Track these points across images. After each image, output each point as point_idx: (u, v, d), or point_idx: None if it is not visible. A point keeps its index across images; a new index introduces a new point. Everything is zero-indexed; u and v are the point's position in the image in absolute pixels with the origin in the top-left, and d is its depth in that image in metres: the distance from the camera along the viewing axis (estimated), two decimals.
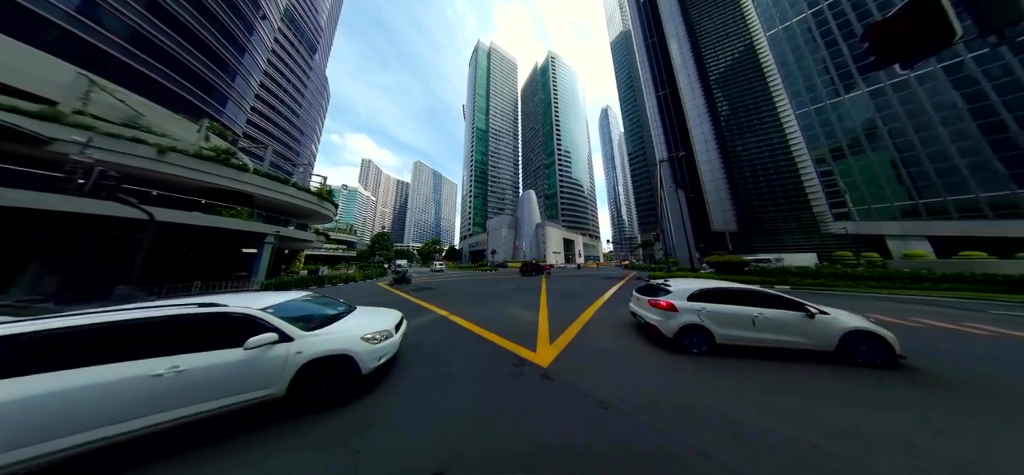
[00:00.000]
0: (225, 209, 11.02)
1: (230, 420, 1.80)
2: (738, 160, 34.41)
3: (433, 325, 4.59)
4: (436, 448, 1.60)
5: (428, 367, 2.83)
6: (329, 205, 17.21)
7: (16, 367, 1.40)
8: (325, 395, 2.00)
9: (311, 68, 44.50)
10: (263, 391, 1.83)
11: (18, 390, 1.36)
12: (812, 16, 23.39)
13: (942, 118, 16.57)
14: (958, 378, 2.48)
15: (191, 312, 1.81)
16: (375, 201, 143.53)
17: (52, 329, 1.53)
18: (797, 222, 28.89)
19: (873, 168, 19.38)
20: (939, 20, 1.47)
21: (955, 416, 1.87)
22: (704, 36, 39.66)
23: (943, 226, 16.28)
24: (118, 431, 1.48)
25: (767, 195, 32.07)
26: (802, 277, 10.16)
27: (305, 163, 41.06)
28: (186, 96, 19.98)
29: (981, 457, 1.49)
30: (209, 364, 1.69)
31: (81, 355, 1.51)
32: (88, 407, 1.43)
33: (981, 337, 3.60)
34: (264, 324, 1.91)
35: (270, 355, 1.85)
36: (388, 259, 45.99)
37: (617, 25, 74.09)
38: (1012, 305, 5.53)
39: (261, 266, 12.30)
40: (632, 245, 77.98)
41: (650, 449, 1.55)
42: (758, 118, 33.93)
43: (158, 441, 1.62)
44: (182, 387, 1.61)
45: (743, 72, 35.87)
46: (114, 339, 1.60)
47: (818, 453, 1.50)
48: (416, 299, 7.82)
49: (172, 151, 9.38)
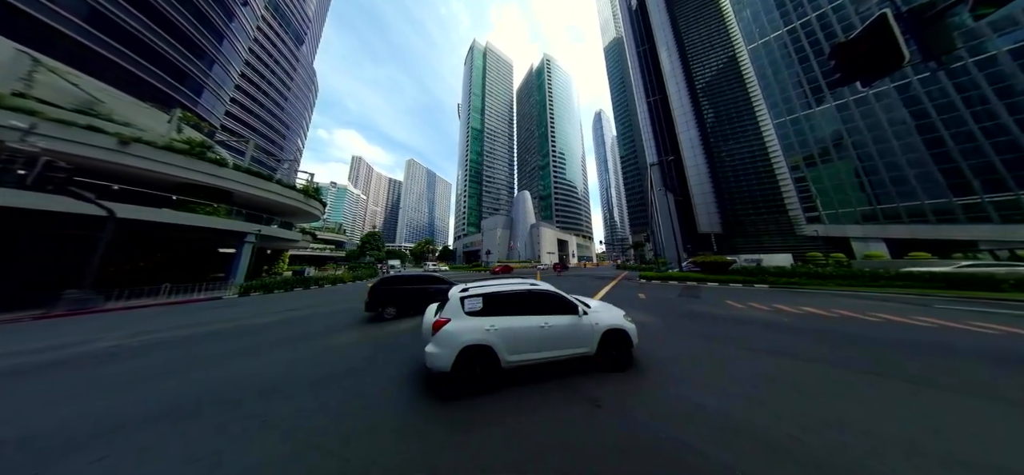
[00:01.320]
0: (200, 206, 10.30)
1: (569, 365, 2.68)
2: (722, 165, 36.27)
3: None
4: None
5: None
6: (316, 203, 16.47)
7: (491, 310, 2.47)
8: (614, 360, 2.68)
9: (298, 60, 42.47)
10: (583, 348, 2.61)
11: (503, 323, 2.41)
12: (787, 33, 25.21)
13: (895, 132, 18.53)
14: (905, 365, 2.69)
15: (543, 290, 2.71)
16: (366, 200, 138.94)
17: (494, 291, 2.58)
18: (775, 225, 30.81)
19: (839, 176, 21.14)
20: (891, 45, 1.72)
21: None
22: (692, 46, 41.54)
23: (896, 229, 18.12)
24: (535, 358, 2.47)
25: (748, 199, 33.98)
26: (779, 276, 10.79)
27: (291, 159, 39.05)
28: (155, 83, 18.46)
29: None
30: (560, 323, 2.56)
31: (510, 309, 2.51)
32: (524, 340, 2.44)
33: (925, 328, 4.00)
34: (575, 303, 2.71)
35: (585, 322, 2.64)
36: (379, 259, 44.60)
37: (611, 32, 76.07)
38: (952, 300, 6.24)
39: (240, 267, 11.57)
40: (624, 246, 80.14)
41: (640, 444, 1.62)
42: (740, 126, 35.92)
43: (545, 370, 2.58)
44: (551, 337, 2.51)
45: (727, 82, 37.87)
46: (517, 301, 2.56)
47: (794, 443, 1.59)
48: None
49: (136, 142, 8.63)
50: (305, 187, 16.27)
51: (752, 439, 1.63)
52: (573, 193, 74.21)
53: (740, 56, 34.78)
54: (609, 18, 76.86)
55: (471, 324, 2.34)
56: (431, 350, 2.28)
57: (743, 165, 34.99)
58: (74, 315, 6.58)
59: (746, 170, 34.71)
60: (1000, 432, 1.70)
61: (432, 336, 2.32)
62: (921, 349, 3.19)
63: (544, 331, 2.47)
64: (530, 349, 2.43)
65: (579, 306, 2.67)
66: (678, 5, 43.43)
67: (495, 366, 2.32)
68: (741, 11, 29.58)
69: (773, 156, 29.94)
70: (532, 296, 2.60)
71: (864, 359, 2.90)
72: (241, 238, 11.92)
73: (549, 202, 68.48)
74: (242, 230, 11.75)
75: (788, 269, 11.89)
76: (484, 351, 2.28)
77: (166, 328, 5.20)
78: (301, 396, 2.40)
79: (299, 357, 3.43)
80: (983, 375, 2.52)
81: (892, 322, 4.35)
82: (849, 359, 2.91)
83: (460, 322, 2.35)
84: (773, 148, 28.25)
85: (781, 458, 1.46)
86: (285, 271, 19.78)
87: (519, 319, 2.46)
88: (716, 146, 36.96)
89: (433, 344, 2.29)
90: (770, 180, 31.82)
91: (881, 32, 1.75)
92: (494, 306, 2.47)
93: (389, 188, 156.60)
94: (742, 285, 10.12)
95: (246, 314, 6.35)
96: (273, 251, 19.42)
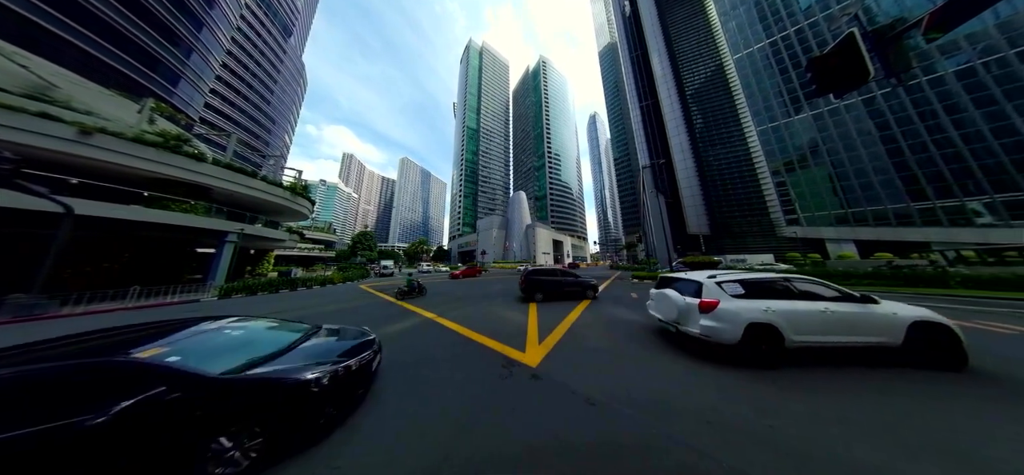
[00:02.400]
0: (176, 203, 9.62)
1: (858, 352, 2.73)
2: (710, 169, 37.78)
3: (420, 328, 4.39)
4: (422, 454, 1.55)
5: (414, 371, 2.70)
6: (304, 201, 15.80)
7: (754, 295, 2.68)
8: (934, 359, 2.49)
9: (285, 52, 40.71)
10: (878, 337, 2.55)
11: (780, 306, 2.56)
12: (769, 45, 26.59)
13: (862, 141, 20.07)
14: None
15: (801, 278, 2.91)
16: (357, 198, 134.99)
17: (753, 279, 2.79)
18: (758, 226, 32.39)
19: (815, 181, 22.52)
20: (859, 61, 1.88)
21: None
22: (682, 54, 43.08)
23: (863, 231, 19.61)
24: (823, 341, 2.54)
25: (734, 201, 35.57)
26: None
27: (277, 155, 37.28)
28: (123, 70, 17.16)
29: None
30: (841, 310, 2.57)
31: (781, 294, 2.68)
32: (806, 323, 2.53)
33: None
34: (851, 292, 2.72)
35: (877, 311, 2.59)
36: (371, 259, 43.35)
37: (605, 36, 77.70)
38: (911, 296, 6.84)
39: (220, 267, 10.90)
40: (617, 246, 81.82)
41: (634, 442, 1.62)
42: (727, 132, 37.56)
43: (837, 355, 2.68)
44: (836, 322, 2.55)
45: (715, 89, 39.52)
46: (775, 288, 2.73)
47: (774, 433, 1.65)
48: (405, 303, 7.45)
49: (100, 132, 7.95)
50: (292, 184, 15.57)
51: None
52: (568, 194, 75.13)
53: (727, 65, 36.40)
54: (603, 23, 78.55)
55: (748, 305, 2.59)
56: (711, 324, 2.62)
57: (729, 169, 36.60)
58: (19, 322, 5.96)
59: (732, 174, 36.32)
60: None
61: (702, 314, 2.67)
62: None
63: (826, 315, 2.56)
64: (814, 332, 2.54)
65: (862, 295, 2.69)
66: (669, 13, 44.95)
67: (780, 344, 2.52)
68: (727, 22, 30.95)
69: (756, 161, 31.50)
70: (788, 283, 2.76)
71: None
72: (222, 237, 11.24)
73: (544, 203, 68.99)
74: (223, 229, 11.08)
75: (769, 268, 12.84)
76: (769, 329, 2.51)
77: None
78: None
79: None
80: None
81: None
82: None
83: (733, 303, 2.62)
84: (756, 153, 29.74)
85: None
86: (270, 272, 18.84)
87: (796, 303, 2.61)
88: (705, 150, 38.48)
89: (711, 319, 2.62)
90: (754, 184, 33.45)
91: (850, 49, 1.90)
92: (755, 291, 2.71)
93: (382, 187, 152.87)
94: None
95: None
96: (257, 251, 18.46)
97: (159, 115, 11.92)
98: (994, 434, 1.65)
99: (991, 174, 15.21)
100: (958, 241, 15.05)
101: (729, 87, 37.12)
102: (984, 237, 14.80)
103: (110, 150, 8.15)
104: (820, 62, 2.09)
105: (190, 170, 9.87)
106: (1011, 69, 14.84)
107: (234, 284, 10.39)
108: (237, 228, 11.49)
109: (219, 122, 30.11)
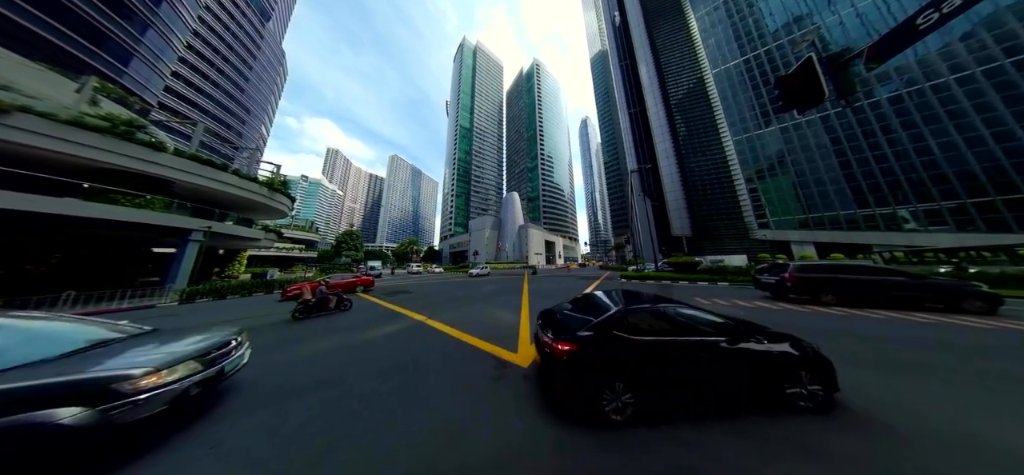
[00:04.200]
0: (128, 197, 8.49)
1: None
2: (692, 174, 40.15)
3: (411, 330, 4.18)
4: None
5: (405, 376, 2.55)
6: (282, 198, 14.65)
7: None
8: None
9: (263, 37, 37.81)
10: None
11: None
12: (743, 63, 28.93)
13: (819, 153, 22.64)
14: None
15: None
16: (342, 196, 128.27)
17: None
18: (734, 229, 34.84)
19: (782, 188, 24.85)
20: (816, 83, 2.11)
21: None
22: (667, 66, 45.55)
23: (821, 234, 22.04)
24: None
25: (713, 205, 38.01)
26: (738, 275, 12.30)
27: (252, 147, 34.35)
28: (57, 42, 14.99)
29: None
30: None
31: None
32: None
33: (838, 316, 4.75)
34: None
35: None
36: (357, 260, 41.26)
37: (597, 45, 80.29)
38: None
39: (182, 269, 9.80)
40: (607, 247, 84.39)
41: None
42: (707, 141, 40.14)
43: None
44: None
45: (696, 100, 42.13)
46: None
47: None
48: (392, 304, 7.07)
49: (21, 112, 6.85)
50: (269, 179, 14.37)
51: None
52: (560, 196, 76.42)
53: (707, 78, 38.93)
54: (596, 33, 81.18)
55: None
56: None
57: (709, 175, 39.12)
58: None
59: (711, 180, 38.85)
60: None
61: None
62: (833, 332, 3.76)
63: None
64: None
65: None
66: (656, 27, 47.39)
67: None
68: (707, 39, 33.29)
69: (733, 168, 33.88)
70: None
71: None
72: (184, 236, 10.10)
73: (537, 204, 69.63)
74: (186, 227, 9.96)
75: (743, 268, 13.99)
76: None
77: None
78: None
79: None
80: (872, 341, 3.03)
81: (818, 312, 5.20)
82: None
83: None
84: (733, 161, 32.02)
85: None
86: (242, 274, 17.26)
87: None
88: (687, 157, 40.85)
89: None
90: (730, 189, 35.95)
91: (809, 71, 2.13)
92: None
93: (370, 184, 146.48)
94: (708, 283, 11.35)
95: (182, 323, 5.22)
96: (228, 251, 16.85)
97: (105, 96, 10.52)
98: None
99: (914, 186, 18.10)
100: (892, 244, 17.64)
101: (709, 99, 39.74)
102: (910, 241, 17.48)
103: (35, 133, 7.00)
104: (785, 81, 2.29)
105: (145, 160, 8.73)
106: (926, 99, 17.93)
107: (199, 287, 9.42)
108: (203, 226, 10.41)
109: (184, 109, 27.24)
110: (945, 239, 16.46)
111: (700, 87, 41.79)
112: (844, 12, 22.11)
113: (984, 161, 16.00)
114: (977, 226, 16.10)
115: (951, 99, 17.23)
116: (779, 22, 26.76)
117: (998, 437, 1.62)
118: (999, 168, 15.53)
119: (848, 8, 21.89)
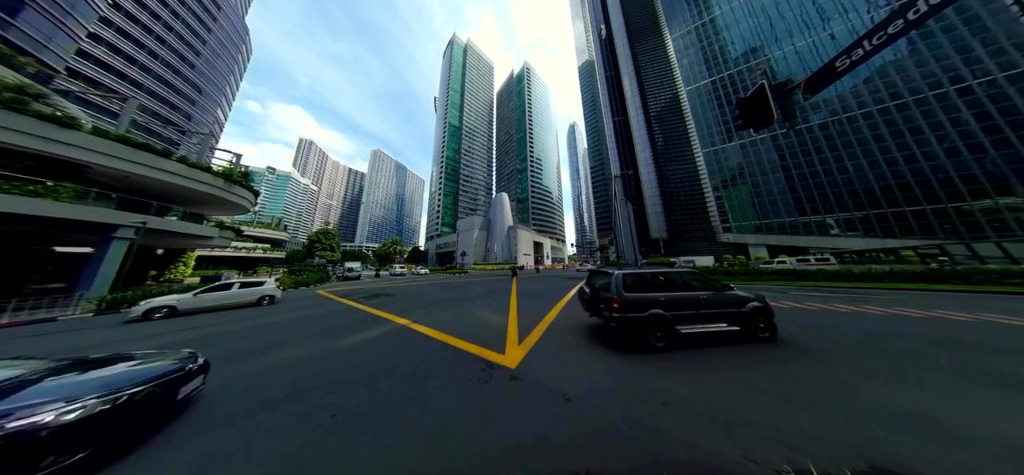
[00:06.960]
0: (20, 183, 6.99)
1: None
2: (668, 182, 43.75)
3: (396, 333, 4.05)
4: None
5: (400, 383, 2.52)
6: (243, 191, 13.05)
7: None
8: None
9: (219, 8, 33.37)
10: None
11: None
12: (710, 83, 32.59)
13: (770, 167, 26.75)
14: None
15: None
16: (317, 191, 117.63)
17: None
18: (703, 232, 38.59)
19: (742, 196, 28.57)
20: (767, 106, 2.55)
21: None
22: (647, 80, 49.10)
23: (771, 238, 25.98)
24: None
25: (686, 210, 41.73)
26: (708, 273, 13.84)
27: (205, 132, 30.04)
28: None
29: None
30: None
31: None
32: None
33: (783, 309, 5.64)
34: None
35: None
36: (333, 260, 38.04)
37: (585, 54, 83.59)
38: (803, 287, 9.25)
39: (102, 273, 8.29)
40: (592, 248, 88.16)
41: (604, 430, 1.79)
42: (681, 151, 43.97)
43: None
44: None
45: (673, 113, 45.97)
46: None
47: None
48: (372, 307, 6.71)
49: None
50: (227, 170, 12.70)
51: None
52: (549, 198, 78.15)
53: (681, 94, 42.73)
54: (584, 44, 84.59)
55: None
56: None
57: (683, 183, 42.94)
58: None
59: (685, 187, 42.68)
60: None
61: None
62: (807, 321, 4.46)
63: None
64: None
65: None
66: (638, 43, 50.87)
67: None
68: (681, 59, 36.76)
69: (702, 178, 37.56)
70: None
71: None
72: (107, 232, 8.51)
73: (526, 205, 70.46)
74: (108, 221, 8.38)
75: (712, 268, 16.02)
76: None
77: None
78: None
79: None
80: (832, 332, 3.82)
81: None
82: None
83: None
84: (702, 171, 35.52)
85: None
86: (188, 277, 15.02)
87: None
88: (665, 165, 44.42)
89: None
90: (700, 196, 39.79)
91: (761, 96, 2.56)
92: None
93: (349, 179, 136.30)
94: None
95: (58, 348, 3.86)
96: (169, 251, 14.56)
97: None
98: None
99: (837, 199, 22.55)
100: (822, 246, 21.89)
101: (683, 113, 43.64)
102: (834, 244, 21.54)
103: None
104: (744, 103, 2.71)
105: (44, 138, 7.12)
106: (842, 127, 22.58)
107: (126, 294, 7.62)
108: (135, 221, 8.85)
109: (108, 80, 22.91)
110: (857, 243, 20.61)
111: (676, 102, 45.70)
112: (787, 49, 26.58)
113: (880, 181, 20.52)
114: (876, 232, 20.43)
115: (857, 129, 22.02)
116: (739, 50, 30.60)
117: None
118: (887, 187, 20.11)
119: (790, 46, 26.39)
